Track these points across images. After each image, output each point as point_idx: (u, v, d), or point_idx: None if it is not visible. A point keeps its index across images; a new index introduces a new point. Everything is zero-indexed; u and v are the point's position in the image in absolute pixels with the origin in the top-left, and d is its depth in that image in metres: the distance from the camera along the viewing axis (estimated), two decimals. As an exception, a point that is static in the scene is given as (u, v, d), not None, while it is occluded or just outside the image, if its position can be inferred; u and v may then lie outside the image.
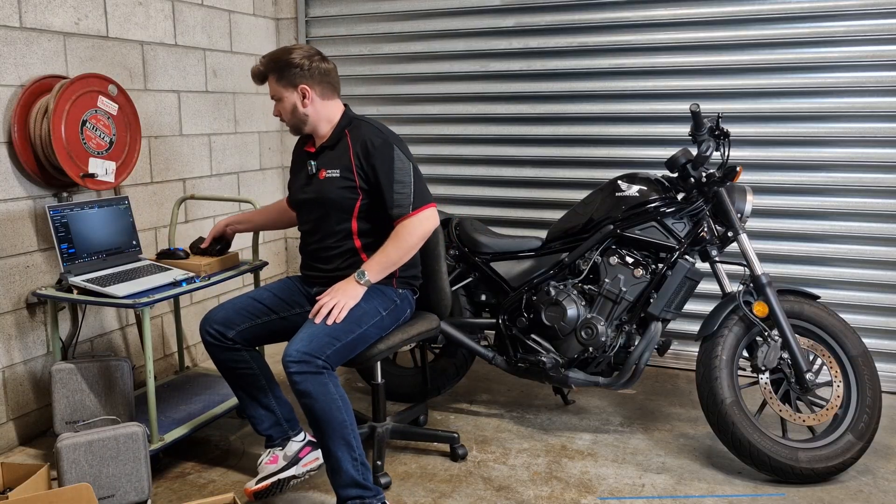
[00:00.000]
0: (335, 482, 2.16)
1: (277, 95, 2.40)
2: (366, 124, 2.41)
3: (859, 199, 3.30)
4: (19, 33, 2.71)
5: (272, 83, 2.40)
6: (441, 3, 3.82)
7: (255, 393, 2.48)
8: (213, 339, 2.41)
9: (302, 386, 2.09)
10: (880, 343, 3.32)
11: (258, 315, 2.44)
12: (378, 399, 2.65)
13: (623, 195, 2.79)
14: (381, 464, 2.50)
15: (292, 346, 2.11)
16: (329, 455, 2.15)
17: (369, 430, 2.64)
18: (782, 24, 3.29)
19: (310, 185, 2.44)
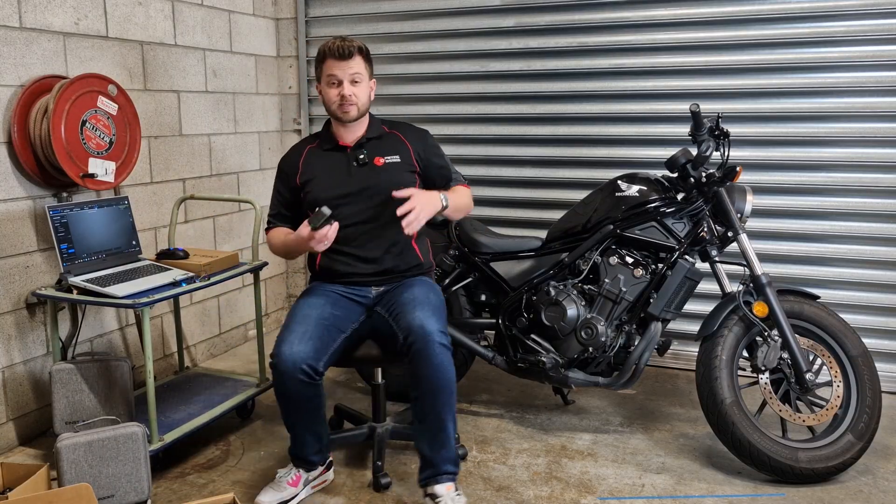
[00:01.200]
0: (438, 454, 2.23)
1: (360, 77, 2.40)
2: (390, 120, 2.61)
3: (859, 199, 3.30)
4: (19, 33, 2.71)
5: (360, 63, 2.39)
6: (441, 3, 3.82)
7: (313, 423, 2.35)
8: (308, 377, 2.18)
9: (441, 357, 2.17)
10: (880, 343, 3.32)
11: (334, 339, 2.30)
12: (378, 399, 2.65)
13: (623, 195, 2.79)
14: (381, 464, 2.50)
15: (428, 323, 2.18)
16: (441, 428, 2.21)
17: (369, 431, 2.64)
18: (782, 24, 3.29)
19: (357, 175, 2.43)
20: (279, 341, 2.23)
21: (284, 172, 2.52)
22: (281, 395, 2.27)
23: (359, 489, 2.48)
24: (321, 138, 2.53)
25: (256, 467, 2.65)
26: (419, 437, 2.27)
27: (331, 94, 2.40)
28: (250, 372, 3.45)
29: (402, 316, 2.27)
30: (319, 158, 2.49)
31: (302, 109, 4.21)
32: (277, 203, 2.54)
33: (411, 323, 2.20)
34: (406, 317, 2.24)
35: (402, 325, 2.24)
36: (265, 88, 4.12)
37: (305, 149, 2.53)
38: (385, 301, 2.42)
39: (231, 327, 3.96)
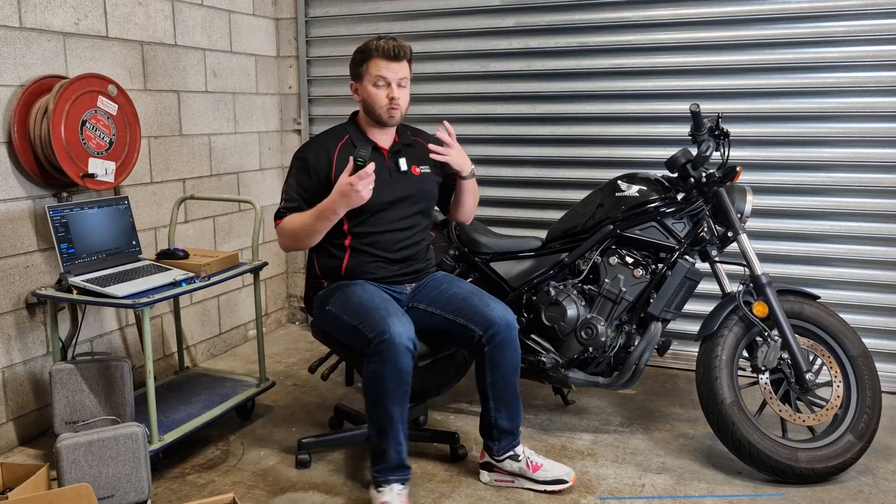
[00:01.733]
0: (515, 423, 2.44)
1: (406, 82, 2.39)
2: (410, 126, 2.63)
3: (859, 199, 3.30)
4: (19, 33, 2.71)
5: (407, 67, 2.39)
6: (441, 3, 3.82)
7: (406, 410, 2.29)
8: (412, 352, 2.21)
9: (518, 341, 2.39)
10: (880, 343, 3.32)
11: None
12: None
13: (623, 195, 2.79)
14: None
15: (505, 313, 2.36)
16: (517, 400, 2.44)
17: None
18: (782, 24, 3.29)
19: (399, 182, 2.44)
20: (379, 321, 2.18)
21: (312, 165, 2.42)
22: (392, 376, 2.16)
23: (359, 489, 2.48)
24: (351, 136, 2.45)
25: (256, 467, 2.65)
26: (495, 414, 2.43)
27: (379, 95, 2.35)
28: (250, 372, 3.45)
29: (470, 310, 2.37)
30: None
31: (302, 109, 4.21)
32: (297, 196, 2.43)
33: (491, 315, 2.35)
34: (479, 310, 2.36)
35: (478, 319, 2.36)
36: (265, 88, 4.12)
37: (337, 144, 2.44)
38: (423, 298, 2.48)
39: (231, 327, 3.96)
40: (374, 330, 2.19)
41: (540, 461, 2.48)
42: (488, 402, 2.44)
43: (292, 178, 2.45)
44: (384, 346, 2.15)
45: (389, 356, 2.15)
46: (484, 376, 2.42)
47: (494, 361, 2.38)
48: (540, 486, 2.45)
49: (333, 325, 2.42)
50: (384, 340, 2.15)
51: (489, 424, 2.46)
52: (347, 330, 2.32)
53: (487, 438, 2.49)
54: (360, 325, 2.25)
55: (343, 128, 2.51)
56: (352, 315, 2.29)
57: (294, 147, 4.26)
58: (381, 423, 2.24)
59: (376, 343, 2.17)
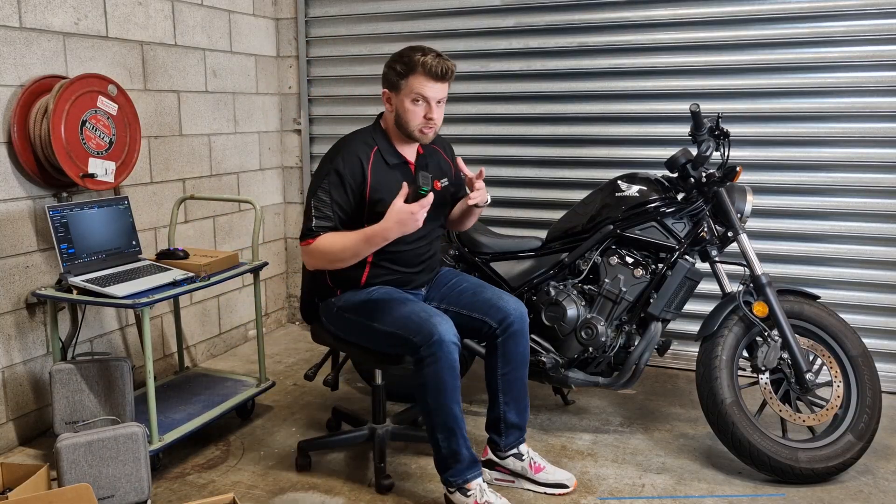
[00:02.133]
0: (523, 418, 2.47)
1: (444, 101, 2.32)
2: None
3: (859, 199, 3.30)
4: (19, 33, 2.71)
5: (447, 87, 2.31)
6: (441, 3, 3.81)
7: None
8: (458, 347, 2.22)
9: (528, 335, 2.43)
10: (880, 343, 3.32)
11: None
12: (378, 400, 2.65)
13: (623, 195, 2.79)
14: (383, 465, 2.49)
15: (518, 305, 2.41)
16: (526, 394, 2.46)
17: (369, 432, 2.63)
18: (782, 24, 3.29)
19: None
20: (423, 324, 2.17)
21: (348, 181, 2.27)
22: (449, 374, 2.17)
23: (359, 489, 2.48)
24: (381, 148, 2.33)
25: (256, 467, 2.65)
26: (504, 408, 2.43)
27: (416, 113, 2.26)
28: (250, 372, 3.45)
29: (484, 303, 2.41)
30: (386, 174, 2.32)
31: (302, 109, 4.21)
32: (330, 213, 2.25)
33: (506, 307, 2.39)
34: (494, 303, 2.40)
35: (493, 312, 2.39)
36: (265, 88, 4.12)
37: (369, 158, 2.30)
38: (435, 296, 2.51)
39: (231, 327, 3.96)
40: (419, 334, 2.17)
41: (543, 464, 2.48)
42: (498, 395, 2.44)
43: (325, 193, 2.26)
44: (436, 347, 2.15)
45: (443, 355, 2.15)
46: (495, 369, 2.42)
47: (507, 353, 2.40)
48: (540, 489, 2.45)
49: (356, 331, 2.38)
50: (435, 342, 2.15)
51: (497, 418, 2.46)
52: (379, 335, 2.29)
53: (494, 433, 2.49)
54: (400, 331, 2.22)
55: (370, 136, 2.35)
56: (388, 322, 2.25)
57: (294, 147, 4.26)
58: (447, 423, 2.22)
59: (426, 346, 2.16)
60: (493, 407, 2.47)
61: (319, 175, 2.31)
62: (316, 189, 2.28)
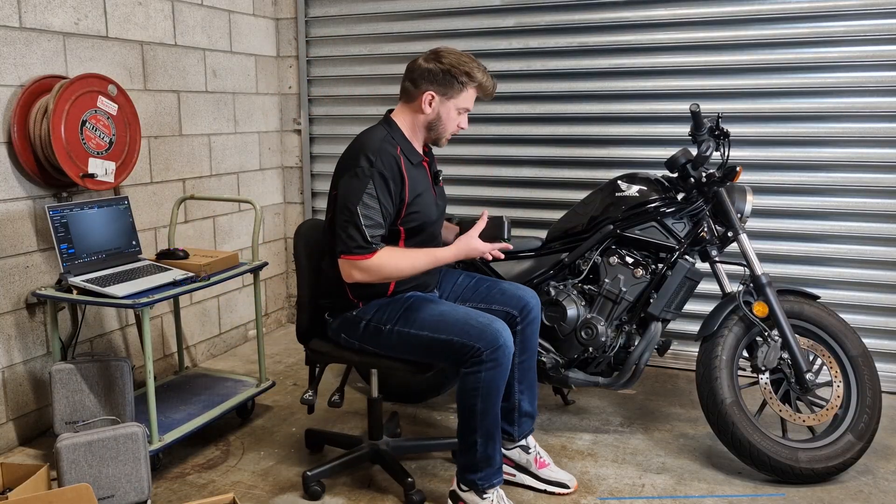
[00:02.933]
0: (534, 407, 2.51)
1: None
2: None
3: (859, 199, 3.30)
4: (19, 33, 2.71)
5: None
6: (441, 3, 3.81)
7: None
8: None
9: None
10: (880, 343, 3.32)
11: None
12: (376, 415, 2.55)
13: (623, 195, 2.79)
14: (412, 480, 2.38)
15: (533, 294, 2.48)
16: (535, 382, 2.51)
17: (370, 449, 2.54)
18: (782, 24, 3.29)
19: (439, 195, 2.42)
20: (484, 330, 2.14)
21: (389, 183, 2.16)
22: (504, 380, 2.19)
23: (359, 489, 2.48)
24: (402, 148, 2.25)
25: (256, 467, 2.65)
26: (519, 396, 2.46)
27: (454, 122, 2.28)
28: (250, 372, 3.45)
29: (502, 294, 2.47)
30: (414, 173, 2.27)
31: (302, 109, 4.21)
32: (381, 219, 2.15)
33: (524, 295, 2.46)
34: (512, 293, 2.47)
35: (513, 302, 2.45)
36: (265, 88, 4.12)
37: (400, 158, 2.22)
38: (451, 296, 2.53)
39: (231, 327, 3.96)
40: (482, 339, 2.13)
41: (548, 460, 2.50)
42: (514, 384, 2.44)
43: (373, 199, 2.13)
44: (500, 352, 2.13)
45: (505, 361, 2.14)
46: (513, 358, 2.36)
47: (525, 340, 2.45)
48: (541, 485, 2.45)
49: (401, 345, 2.25)
50: (500, 347, 2.12)
51: (511, 409, 2.46)
52: (432, 346, 2.20)
53: (507, 424, 2.47)
54: (457, 337, 2.16)
55: (389, 136, 2.24)
56: (443, 330, 2.18)
57: (294, 147, 4.26)
58: (490, 429, 2.19)
59: (491, 351, 2.12)
60: (508, 397, 2.45)
61: (358, 180, 2.14)
62: (360, 195, 2.12)
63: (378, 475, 2.56)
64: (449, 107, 2.25)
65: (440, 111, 2.25)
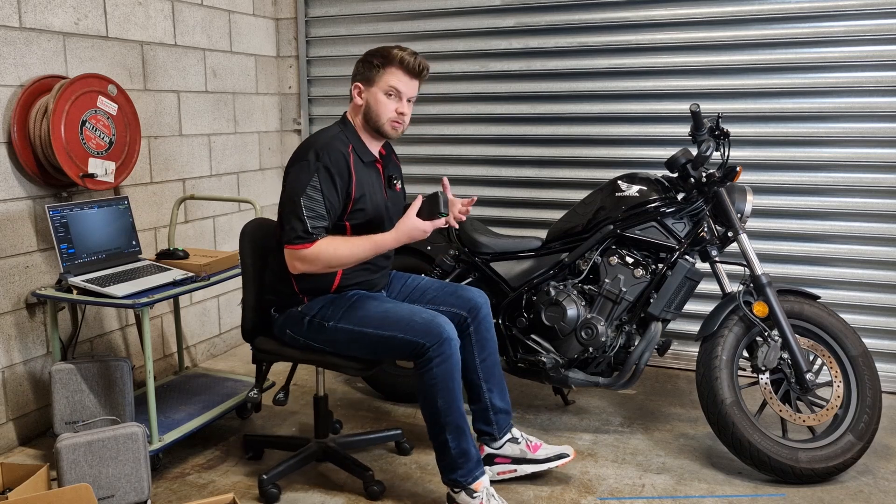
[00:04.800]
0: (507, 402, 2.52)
1: (414, 99, 2.35)
2: None
3: (859, 199, 3.30)
4: (19, 33, 2.71)
5: (419, 86, 2.34)
6: (441, 3, 3.81)
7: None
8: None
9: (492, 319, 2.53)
10: (880, 343, 3.32)
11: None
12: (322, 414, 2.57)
13: (623, 195, 2.79)
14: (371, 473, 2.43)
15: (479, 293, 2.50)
16: (502, 377, 2.52)
17: (317, 447, 2.54)
18: (782, 24, 3.29)
19: (391, 198, 2.43)
20: (427, 325, 2.18)
21: (334, 177, 2.22)
22: (457, 372, 2.21)
23: (359, 489, 2.48)
24: (354, 146, 2.31)
25: (256, 467, 2.64)
26: (489, 395, 2.48)
27: (388, 106, 2.27)
28: (250, 372, 3.45)
29: (449, 296, 2.48)
30: (363, 171, 2.31)
31: (302, 109, 4.21)
32: (324, 211, 2.20)
33: (469, 295, 2.48)
34: (458, 294, 2.48)
35: (460, 303, 2.46)
36: (265, 88, 4.12)
37: (349, 155, 2.28)
38: (399, 297, 2.52)
39: (231, 327, 3.96)
40: (427, 335, 2.17)
41: (539, 442, 2.53)
42: (480, 384, 2.47)
43: (317, 192, 2.19)
44: (446, 346, 2.17)
45: (452, 353, 2.19)
46: (473, 359, 2.46)
47: (481, 339, 2.46)
48: (543, 466, 2.48)
49: (345, 341, 2.28)
50: (444, 340, 2.17)
51: (484, 409, 2.49)
52: (377, 342, 2.23)
53: (484, 425, 2.50)
54: (403, 334, 2.20)
55: (342, 135, 2.31)
56: (387, 327, 2.22)
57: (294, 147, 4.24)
58: (457, 422, 2.22)
59: (437, 346, 2.17)
60: (478, 398, 2.49)
61: (304, 173, 2.21)
62: (304, 187, 2.19)
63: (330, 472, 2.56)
64: (374, 93, 2.28)
65: (368, 99, 2.30)
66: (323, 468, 2.61)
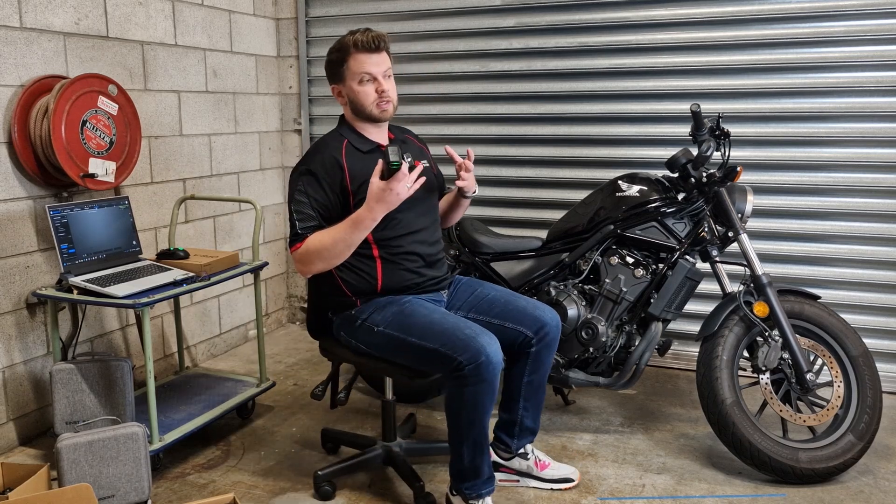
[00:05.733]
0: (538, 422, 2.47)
1: (390, 72, 2.28)
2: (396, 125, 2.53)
3: (859, 199, 3.30)
4: (19, 33, 2.71)
5: (387, 57, 2.27)
6: (441, 3, 3.82)
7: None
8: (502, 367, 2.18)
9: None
10: (880, 343, 3.32)
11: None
12: (390, 417, 2.54)
13: (623, 195, 2.79)
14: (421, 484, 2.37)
15: (553, 314, 2.38)
16: (541, 403, 2.46)
17: (384, 452, 2.54)
18: (782, 24, 3.29)
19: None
20: (469, 342, 2.07)
21: (323, 177, 2.24)
22: (490, 395, 2.10)
23: (358, 489, 2.48)
24: (350, 140, 2.31)
25: (257, 467, 2.65)
26: (523, 413, 2.42)
27: (367, 92, 2.23)
28: (250, 372, 3.45)
29: (520, 313, 2.36)
30: (363, 161, 2.27)
31: (302, 109, 4.21)
32: (311, 212, 2.22)
33: (543, 316, 2.35)
34: (530, 312, 2.36)
35: (529, 322, 2.34)
36: (265, 88, 4.12)
37: (342, 151, 2.28)
38: (460, 304, 2.42)
39: (231, 327, 3.96)
40: (465, 352, 2.07)
41: (547, 460, 2.49)
42: (518, 400, 2.40)
43: (302, 195, 2.23)
44: (482, 367, 2.05)
45: (488, 376, 2.06)
46: (521, 375, 2.37)
47: (539, 361, 2.37)
48: (546, 485, 2.45)
49: (392, 348, 2.24)
50: (482, 363, 2.05)
51: (512, 421, 2.43)
52: (417, 350, 2.17)
53: (505, 435, 2.46)
54: (442, 347, 2.11)
55: (338, 133, 2.35)
56: (425, 336, 2.15)
57: (294, 147, 4.26)
58: (477, 440, 2.16)
59: (473, 366, 2.06)
60: (511, 410, 2.42)
61: (293, 180, 2.27)
62: (292, 195, 2.25)
63: (386, 477, 2.56)
64: (349, 86, 2.27)
65: (347, 94, 2.29)
66: (384, 473, 2.58)
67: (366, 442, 2.64)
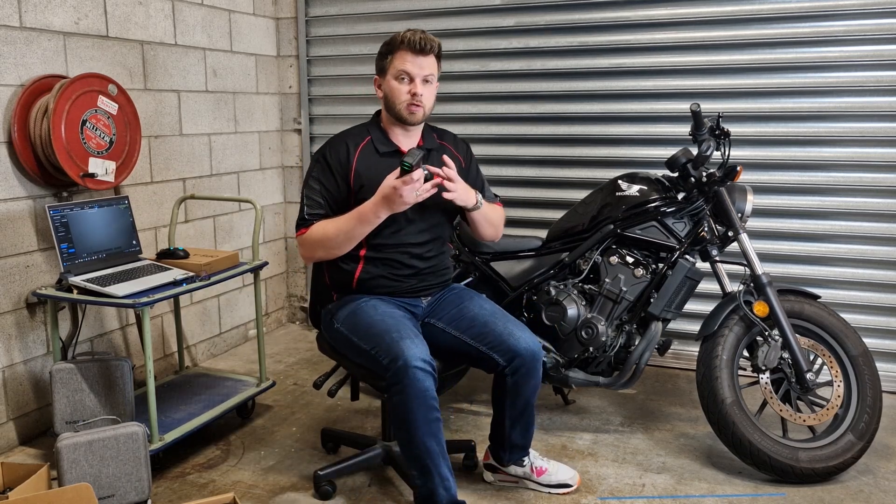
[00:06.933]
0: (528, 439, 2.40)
1: (432, 78, 2.24)
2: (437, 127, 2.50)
3: (859, 199, 3.30)
4: (19, 33, 2.71)
5: (434, 63, 2.24)
6: (441, 3, 3.81)
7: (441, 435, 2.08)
8: (432, 372, 2.04)
9: (540, 370, 2.27)
10: (880, 343, 3.32)
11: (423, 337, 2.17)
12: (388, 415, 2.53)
13: (623, 195, 2.79)
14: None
15: (529, 343, 2.22)
16: (533, 417, 2.37)
17: (384, 452, 2.51)
18: (782, 23, 3.29)
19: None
20: (391, 345, 2.03)
21: (333, 165, 2.25)
22: (418, 403, 1.99)
23: (358, 489, 2.48)
24: (373, 138, 2.30)
25: (256, 467, 2.65)
26: (510, 431, 2.35)
27: (401, 90, 2.21)
28: (250, 372, 3.45)
29: (494, 338, 2.23)
30: (376, 163, 2.25)
31: (302, 109, 4.21)
32: (321, 199, 2.24)
33: (516, 346, 2.21)
34: (503, 339, 2.22)
35: (502, 349, 2.22)
36: (265, 88, 4.12)
37: (358, 145, 2.28)
38: (440, 315, 2.34)
39: (231, 327, 3.96)
40: (388, 355, 2.03)
41: (544, 465, 2.45)
42: (504, 419, 2.35)
43: (314, 181, 2.26)
44: (401, 372, 1.98)
45: (409, 382, 1.97)
46: (504, 397, 2.31)
47: (517, 391, 2.27)
48: (543, 490, 2.45)
49: (343, 344, 2.25)
50: (399, 367, 1.98)
51: (501, 436, 2.39)
52: (359, 352, 2.17)
53: (497, 446, 2.43)
54: (372, 349, 2.10)
55: (365, 128, 2.34)
56: (363, 338, 2.14)
57: (294, 146, 4.26)
58: (420, 459, 2.04)
59: (393, 371, 2.00)
60: (499, 425, 2.38)
61: (312, 165, 2.33)
62: (307, 180, 2.30)
63: (386, 477, 2.56)
64: (388, 80, 2.26)
65: (384, 89, 2.28)
66: (388, 472, 2.57)
67: (366, 442, 2.64)
